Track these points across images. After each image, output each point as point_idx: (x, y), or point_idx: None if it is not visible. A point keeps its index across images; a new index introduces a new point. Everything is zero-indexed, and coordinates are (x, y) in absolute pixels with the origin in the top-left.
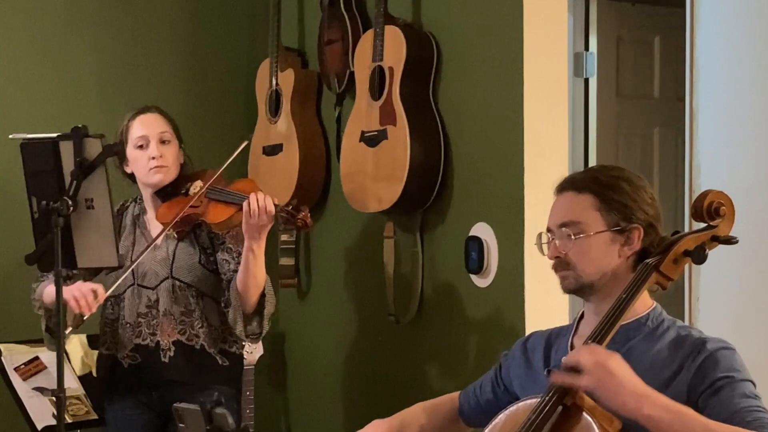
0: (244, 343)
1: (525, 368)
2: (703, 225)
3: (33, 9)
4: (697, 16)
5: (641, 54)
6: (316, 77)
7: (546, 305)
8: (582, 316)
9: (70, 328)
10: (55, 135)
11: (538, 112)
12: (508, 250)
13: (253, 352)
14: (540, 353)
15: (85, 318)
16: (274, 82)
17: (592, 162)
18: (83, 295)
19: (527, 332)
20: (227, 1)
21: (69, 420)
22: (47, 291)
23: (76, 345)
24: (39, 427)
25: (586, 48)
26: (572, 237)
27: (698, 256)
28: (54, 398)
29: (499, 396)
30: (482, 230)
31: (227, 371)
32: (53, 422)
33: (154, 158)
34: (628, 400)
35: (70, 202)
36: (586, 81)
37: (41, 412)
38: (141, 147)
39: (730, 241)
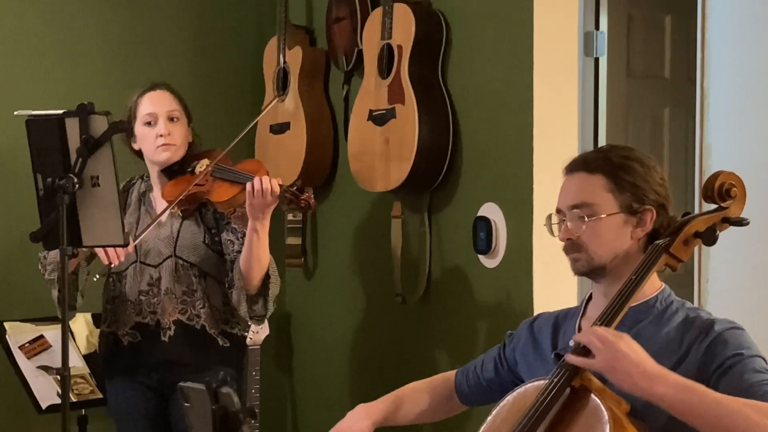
0: (249, 324)
1: (532, 350)
2: (713, 206)
3: None
4: None
5: (652, 33)
6: (324, 55)
7: (554, 286)
8: (590, 297)
9: (97, 276)
10: (60, 112)
11: (547, 92)
12: (517, 231)
13: (259, 332)
14: (547, 335)
15: (112, 267)
16: (281, 60)
17: (602, 142)
18: None
19: (535, 313)
20: None
21: (73, 399)
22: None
23: (81, 324)
24: (43, 405)
25: (597, 27)
26: (585, 219)
27: (709, 237)
28: (58, 377)
29: (501, 375)
30: (491, 210)
31: (228, 352)
32: (58, 401)
33: (161, 136)
34: (640, 381)
35: (75, 180)
36: (597, 60)
37: (46, 390)
38: (149, 124)
39: (741, 222)
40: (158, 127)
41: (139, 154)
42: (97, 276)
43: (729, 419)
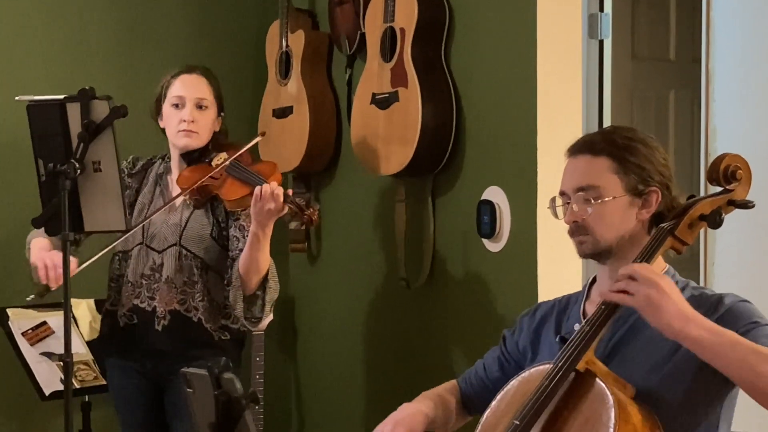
0: (244, 323)
1: (536, 338)
2: (719, 189)
3: None
4: None
5: (657, 15)
6: (326, 39)
7: (559, 269)
8: (594, 280)
9: (32, 296)
10: (62, 97)
11: (551, 75)
12: (521, 214)
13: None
14: (551, 322)
15: (52, 289)
16: (284, 43)
17: (607, 125)
18: (54, 266)
19: (540, 296)
20: None
21: (77, 385)
22: (33, 244)
23: (84, 310)
24: (47, 392)
25: (601, 9)
26: (591, 201)
27: (714, 220)
28: (61, 363)
29: (508, 373)
30: (495, 194)
31: (224, 346)
32: (61, 388)
33: (184, 121)
34: (675, 320)
35: (77, 165)
36: (601, 43)
37: (49, 377)
38: (176, 106)
39: (746, 205)
40: (183, 112)
41: (164, 131)
42: (32, 296)
43: (763, 365)
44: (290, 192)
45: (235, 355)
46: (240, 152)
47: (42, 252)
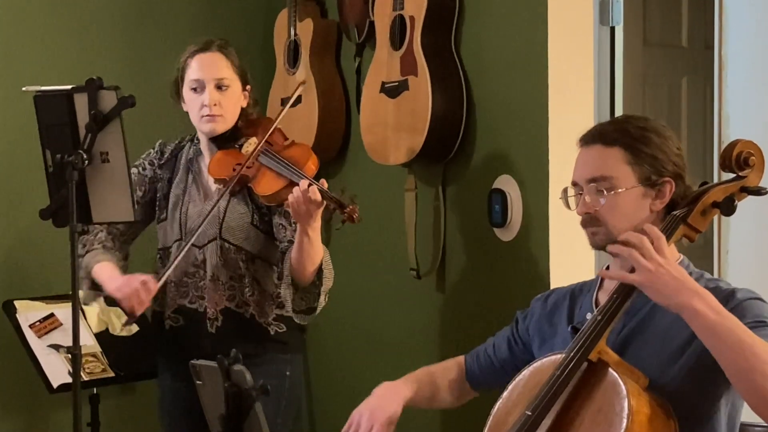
0: (296, 319)
1: (547, 325)
2: (731, 176)
3: None
4: None
5: (668, 1)
6: (335, 27)
7: (571, 258)
8: (607, 269)
9: (124, 324)
10: (69, 87)
11: (562, 62)
12: (533, 203)
13: None
14: (563, 310)
15: (137, 315)
16: (292, 32)
17: (618, 112)
18: (135, 292)
19: (552, 286)
20: None
21: (85, 378)
22: (99, 272)
23: None
24: (55, 384)
25: None
26: (603, 193)
27: (727, 207)
28: (69, 355)
29: (516, 354)
30: (506, 183)
31: (284, 338)
32: (69, 380)
33: (206, 106)
34: (680, 293)
35: (84, 156)
36: (612, 29)
37: (57, 369)
38: (195, 90)
39: (759, 192)
40: (203, 96)
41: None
42: (124, 324)
43: (755, 357)
44: (324, 184)
45: (297, 345)
46: (273, 125)
47: (116, 282)
